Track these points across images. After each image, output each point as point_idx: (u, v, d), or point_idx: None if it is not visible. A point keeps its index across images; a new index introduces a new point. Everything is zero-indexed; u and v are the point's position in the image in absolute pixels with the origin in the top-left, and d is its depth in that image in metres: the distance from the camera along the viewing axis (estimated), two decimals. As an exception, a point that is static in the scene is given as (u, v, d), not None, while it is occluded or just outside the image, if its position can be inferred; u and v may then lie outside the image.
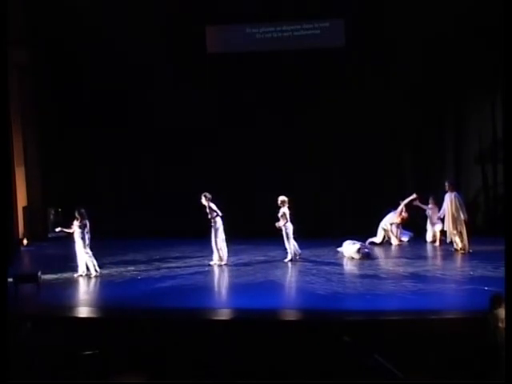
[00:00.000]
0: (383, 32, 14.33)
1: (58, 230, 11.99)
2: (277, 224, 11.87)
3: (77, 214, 11.22)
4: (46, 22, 15.16)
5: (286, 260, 12.02)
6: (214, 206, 11.82)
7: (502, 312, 5.86)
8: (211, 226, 11.84)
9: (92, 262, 11.26)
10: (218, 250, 11.89)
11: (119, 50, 14.55)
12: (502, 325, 5.82)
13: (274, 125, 14.87)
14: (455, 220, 12.30)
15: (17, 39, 14.05)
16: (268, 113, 14.84)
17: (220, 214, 11.81)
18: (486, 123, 14.57)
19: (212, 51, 15.15)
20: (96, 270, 11.29)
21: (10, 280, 9.30)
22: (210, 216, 11.83)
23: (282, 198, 12.03)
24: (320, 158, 14.84)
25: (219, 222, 11.84)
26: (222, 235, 11.87)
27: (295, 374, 5.60)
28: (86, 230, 11.15)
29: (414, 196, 13.41)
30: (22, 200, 15.53)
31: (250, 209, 14.27)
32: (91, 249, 11.33)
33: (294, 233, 12.09)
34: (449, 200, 12.37)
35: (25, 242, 15.05)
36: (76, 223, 11.20)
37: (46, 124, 15.76)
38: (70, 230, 11.34)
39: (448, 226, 12.42)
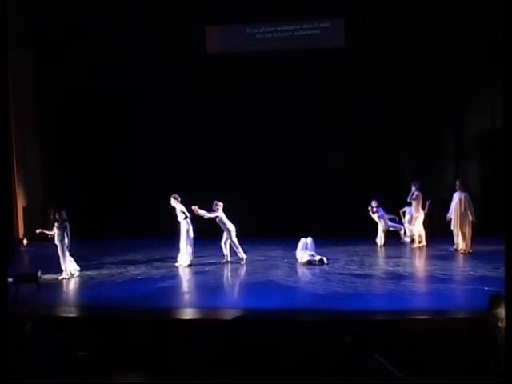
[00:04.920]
0: (383, 32, 14.34)
1: (38, 231, 11.75)
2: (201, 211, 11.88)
3: (57, 216, 11.06)
4: (46, 22, 15.17)
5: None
6: (183, 208, 11.91)
7: (502, 312, 5.86)
8: (180, 227, 11.97)
9: (66, 265, 11.15)
10: (186, 251, 11.99)
11: (119, 50, 14.57)
12: (501, 325, 5.81)
13: (274, 125, 14.87)
14: (462, 220, 12.30)
15: (17, 39, 14.06)
16: (268, 113, 14.85)
17: (189, 215, 11.90)
18: (486, 123, 14.60)
19: (212, 51, 15.17)
20: (71, 272, 11.22)
21: (10, 280, 9.30)
22: (178, 218, 11.95)
23: (216, 202, 12.01)
24: (320, 157, 14.85)
25: (188, 223, 11.93)
26: (191, 236, 11.96)
27: (295, 373, 5.59)
28: (66, 232, 11.01)
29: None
30: (21, 200, 15.54)
31: (249, 209, 14.25)
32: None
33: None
34: (458, 199, 12.36)
35: (25, 242, 15.06)
36: (56, 225, 11.06)
37: (46, 124, 15.77)
38: (51, 232, 11.20)
39: (454, 225, 12.42)
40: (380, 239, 13.70)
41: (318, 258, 11.86)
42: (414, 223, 13.29)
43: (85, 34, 14.77)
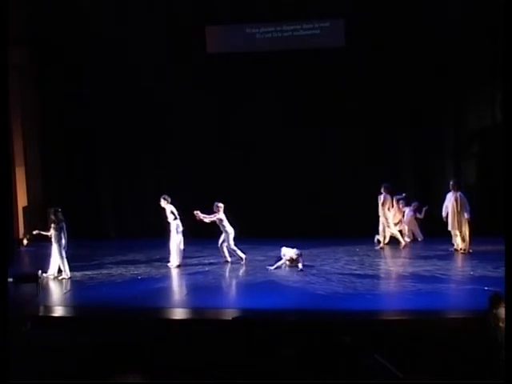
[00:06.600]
0: (383, 32, 14.32)
1: (35, 232, 11.74)
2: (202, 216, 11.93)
3: (53, 217, 11.06)
4: (46, 21, 15.15)
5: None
6: (173, 209, 11.91)
7: (502, 311, 5.86)
8: (170, 228, 11.97)
9: (64, 266, 11.15)
10: (176, 251, 11.97)
11: (119, 50, 14.57)
12: (502, 324, 5.82)
13: (274, 125, 14.86)
14: (459, 220, 12.30)
15: (17, 39, 14.04)
16: (268, 113, 14.83)
17: (178, 216, 11.91)
18: (486, 122, 14.60)
19: (212, 51, 15.14)
20: (67, 274, 11.19)
21: (10, 280, 9.30)
22: (168, 218, 11.94)
23: (217, 203, 12.00)
24: (320, 157, 14.84)
25: (179, 224, 11.91)
26: (180, 237, 11.94)
27: (295, 373, 5.60)
28: (63, 232, 11.03)
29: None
30: (22, 200, 15.52)
31: (249, 209, 14.25)
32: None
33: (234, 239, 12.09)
34: (453, 199, 12.36)
35: (25, 242, 15.05)
36: (53, 226, 11.04)
37: (46, 124, 15.76)
38: (48, 233, 11.19)
39: (452, 225, 12.41)
40: (383, 239, 13.61)
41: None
42: (389, 226, 13.21)
43: (85, 33, 14.75)
